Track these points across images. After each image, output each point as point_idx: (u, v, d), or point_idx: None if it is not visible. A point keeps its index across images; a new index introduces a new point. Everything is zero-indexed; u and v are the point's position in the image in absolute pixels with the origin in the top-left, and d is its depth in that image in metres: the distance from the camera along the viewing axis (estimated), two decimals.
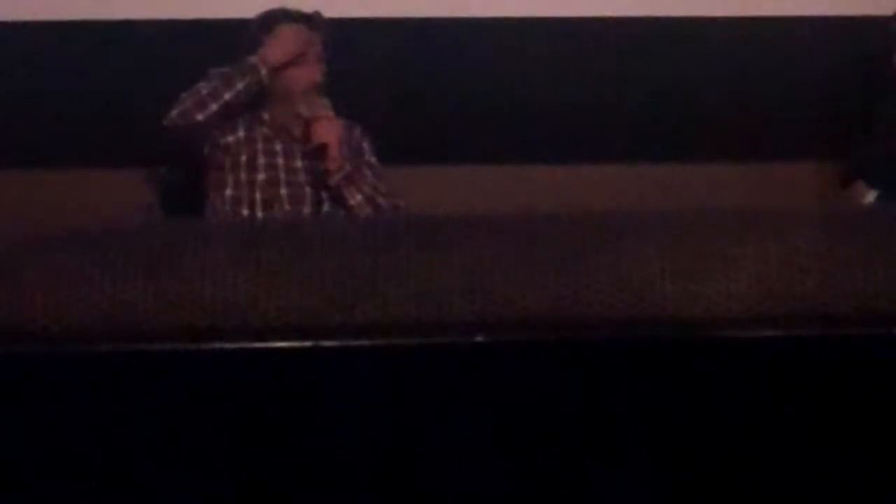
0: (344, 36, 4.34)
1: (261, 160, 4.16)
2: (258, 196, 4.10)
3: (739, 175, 4.54)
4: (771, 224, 1.39)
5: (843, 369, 1.37)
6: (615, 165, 4.61)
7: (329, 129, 4.13)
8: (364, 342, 1.34)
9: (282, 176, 4.15)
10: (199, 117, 4.06)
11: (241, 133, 4.17)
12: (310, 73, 4.18)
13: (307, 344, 1.34)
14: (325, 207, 4.11)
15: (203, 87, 4.09)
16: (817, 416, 1.38)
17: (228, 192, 4.11)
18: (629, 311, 1.35)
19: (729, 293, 1.35)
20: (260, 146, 4.17)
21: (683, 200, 4.17)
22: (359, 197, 4.13)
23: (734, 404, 1.37)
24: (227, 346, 1.35)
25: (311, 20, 4.24)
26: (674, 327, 1.34)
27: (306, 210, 4.09)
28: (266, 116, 4.20)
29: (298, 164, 4.15)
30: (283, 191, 4.12)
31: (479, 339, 1.33)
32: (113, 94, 4.56)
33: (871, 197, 4.33)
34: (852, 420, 1.38)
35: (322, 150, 4.10)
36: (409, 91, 4.65)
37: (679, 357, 1.36)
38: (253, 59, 4.11)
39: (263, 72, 4.11)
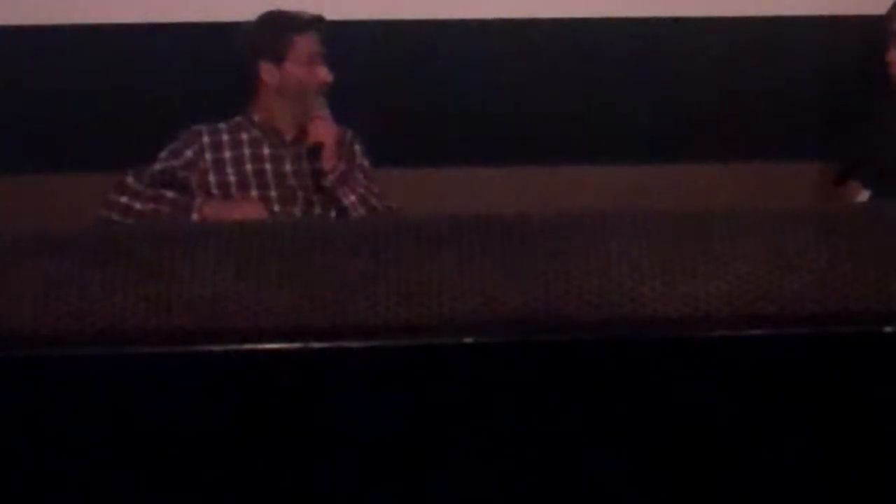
0: (336, 38, 4.34)
1: (248, 164, 4.17)
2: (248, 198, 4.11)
3: (735, 175, 4.55)
4: (760, 223, 1.39)
5: (834, 368, 1.37)
6: (609, 167, 4.62)
7: (325, 129, 4.14)
8: (354, 343, 1.34)
9: (270, 179, 4.16)
10: (115, 217, 4.13)
11: (225, 137, 4.18)
12: (325, 74, 4.20)
13: (296, 346, 1.34)
14: (317, 210, 4.11)
15: (139, 199, 4.13)
16: (808, 415, 1.38)
17: (216, 192, 4.12)
18: (619, 311, 1.34)
19: (719, 293, 1.35)
20: (246, 151, 4.18)
21: (678, 201, 4.18)
22: (352, 197, 4.14)
23: (724, 404, 1.37)
24: (217, 348, 1.35)
25: (319, 25, 4.26)
26: (664, 327, 1.34)
27: (297, 212, 4.10)
28: (257, 117, 4.21)
29: (287, 167, 4.15)
30: (273, 192, 4.12)
31: (468, 340, 1.33)
32: (104, 96, 4.56)
33: (864, 196, 4.33)
34: (844, 419, 1.38)
35: (317, 149, 4.11)
36: (401, 93, 4.65)
37: (669, 357, 1.36)
38: (198, 201, 4.09)
39: (195, 217, 4.10)
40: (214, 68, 4.38)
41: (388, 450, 1.39)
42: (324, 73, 4.18)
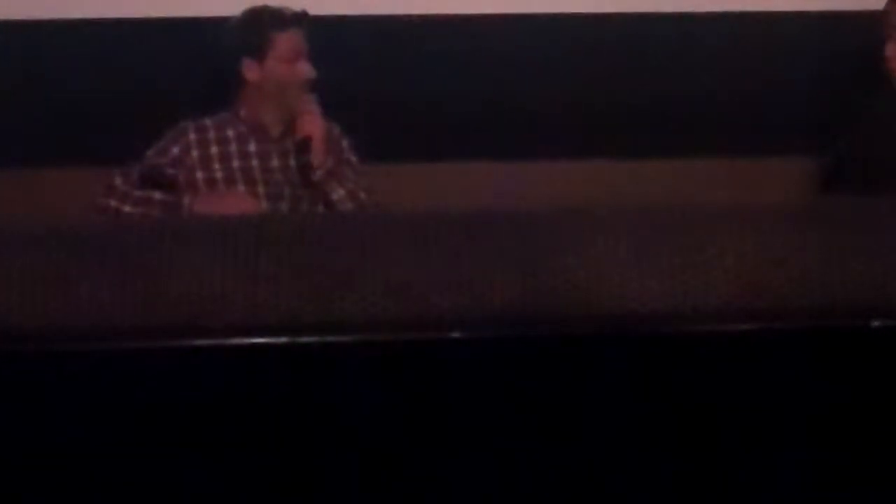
0: (323, 34, 4.34)
1: (235, 161, 4.17)
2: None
3: (730, 171, 4.54)
4: (748, 219, 1.39)
5: (822, 362, 1.37)
6: (600, 162, 4.61)
7: (314, 124, 4.14)
8: (342, 338, 1.34)
9: (257, 175, 4.16)
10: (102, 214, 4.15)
11: (211, 134, 4.19)
12: (307, 71, 4.19)
13: (285, 340, 1.34)
14: (304, 206, 4.11)
15: (128, 202, 4.16)
16: (796, 408, 1.38)
17: (203, 190, 4.12)
18: (607, 306, 1.35)
19: (707, 287, 1.35)
20: (233, 147, 4.19)
21: (670, 196, 4.18)
22: (341, 191, 4.13)
23: (713, 398, 1.37)
24: (205, 342, 1.35)
25: (302, 21, 4.25)
26: (652, 322, 1.34)
27: (284, 208, 4.09)
28: (243, 113, 4.21)
29: (275, 163, 4.15)
30: (261, 189, 4.12)
31: (456, 334, 1.34)
32: (96, 91, 4.56)
33: None
34: (831, 412, 1.38)
35: (306, 143, 4.11)
36: (390, 89, 4.64)
37: (657, 351, 1.36)
38: (186, 201, 4.11)
39: (185, 213, 4.11)
40: (205, 64, 4.37)
41: (376, 443, 1.39)
42: (306, 70, 4.16)
